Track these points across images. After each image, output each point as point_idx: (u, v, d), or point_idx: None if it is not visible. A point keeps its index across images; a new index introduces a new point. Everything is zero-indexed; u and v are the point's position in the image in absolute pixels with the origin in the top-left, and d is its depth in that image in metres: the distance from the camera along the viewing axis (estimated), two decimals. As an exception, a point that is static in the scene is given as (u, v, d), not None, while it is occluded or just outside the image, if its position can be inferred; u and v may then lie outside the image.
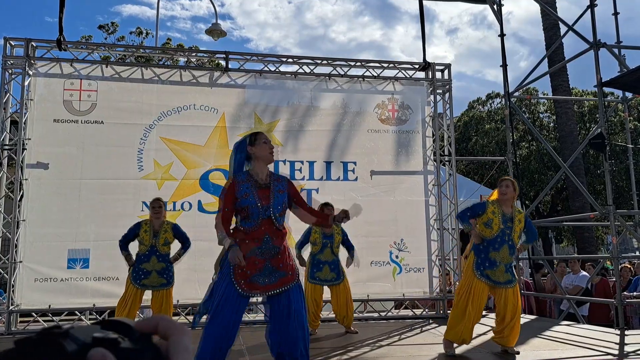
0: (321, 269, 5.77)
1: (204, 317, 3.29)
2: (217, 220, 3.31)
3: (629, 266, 8.27)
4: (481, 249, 4.45)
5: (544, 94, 21.19)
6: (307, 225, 5.86)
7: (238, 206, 3.27)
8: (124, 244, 5.40)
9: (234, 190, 3.30)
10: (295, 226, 6.06)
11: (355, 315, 7.12)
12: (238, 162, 3.43)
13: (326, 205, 5.95)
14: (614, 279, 7.72)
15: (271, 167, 7.31)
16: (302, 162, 7.29)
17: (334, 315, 6.31)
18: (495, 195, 4.60)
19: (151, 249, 5.30)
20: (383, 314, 7.22)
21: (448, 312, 7.19)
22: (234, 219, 3.40)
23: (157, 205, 5.45)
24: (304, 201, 3.62)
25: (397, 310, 7.47)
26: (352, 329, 5.96)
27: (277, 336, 3.21)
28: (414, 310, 7.46)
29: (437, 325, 6.51)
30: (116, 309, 5.46)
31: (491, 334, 5.43)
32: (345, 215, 3.39)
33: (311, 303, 5.77)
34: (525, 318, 6.78)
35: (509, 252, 4.41)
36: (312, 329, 5.81)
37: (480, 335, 5.53)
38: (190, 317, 6.88)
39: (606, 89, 7.46)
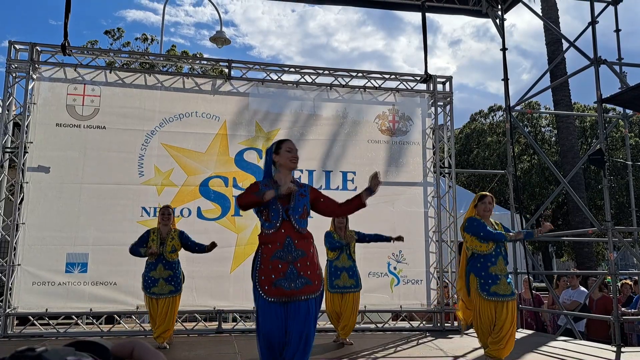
0: (339, 276, 5.77)
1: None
2: (243, 195, 3.33)
3: (629, 283, 8.24)
4: (479, 267, 4.48)
5: (545, 108, 21.23)
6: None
7: (260, 207, 3.28)
8: (135, 249, 5.38)
9: (257, 189, 3.32)
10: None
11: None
12: (266, 167, 3.47)
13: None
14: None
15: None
16: (301, 171, 7.30)
17: (330, 325, 6.28)
18: (473, 211, 4.61)
19: (158, 256, 5.33)
20: (380, 325, 7.20)
21: (446, 324, 7.19)
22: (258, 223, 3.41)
23: (166, 213, 5.51)
24: (330, 199, 3.54)
25: (394, 322, 7.45)
26: (348, 340, 5.93)
27: (283, 337, 3.20)
28: (411, 322, 7.44)
29: (433, 338, 6.48)
30: (150, 321, 5.54)
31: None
32: (376, 180, 3.44)
33: (333, 315, 5.84)
34: (522, 333, 6.76)
35: (504, 263, 4.49)
36: (337, 337, 5.89)
37: (477, 349, 5.52)
38: (187, 324, 6.86)
39: (609, 105, 7.48)
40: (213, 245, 5.44)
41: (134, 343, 0.49)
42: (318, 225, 6.15)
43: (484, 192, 4.73)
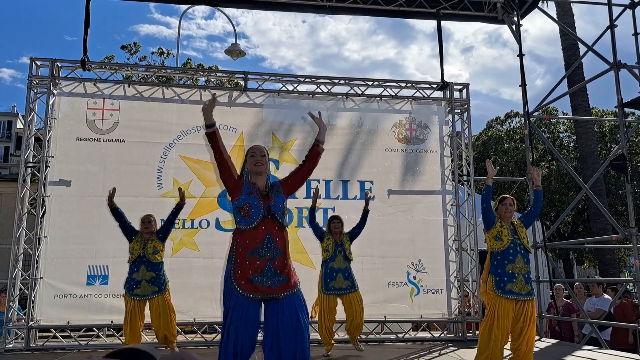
0: (335, 277, 5.70)
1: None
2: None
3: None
4: (496, 264, 4.46)
5: (563, 114, 21.03)
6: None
7: (240, 203, 3.24)
8: (122, 217, 5.56)
9: (240, 179, 3.34)
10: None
11: (372, 336, 7.06)
12: (241, 172, 3.47)
13: (333, 219, 5.95)
14: (637, 302, 7.53)
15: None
16: (318, 181, 7.30)
17: (346, 336, 6.21)
18: (495, 213, 4.63)
19: (139, 258, 5.36)
20: (400, 335, 7.12)
21: (467, 334, 7.09)
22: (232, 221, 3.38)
23: (146, 221, 5.55)
24: (293, 171, 3.55)
25: (414, 332, 7.37)
26: (358, 345, 5.85)
27: (274, 342, 3.08)
28: (432, 332, 7.35)
29: (455, 348, 6.40)
30: (123, 324, 5.49)
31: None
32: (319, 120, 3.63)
33: (326, 318, 5.70)
34: (546, 342, 6.64)
35: (523, 262, 4.41)
36: (327, 350, 5.74)
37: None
38: (207, 335, 6.87)
39: (627, 109, 7.37)
40: (181, 192, 5.70)
41: (183, 354, 0.48)
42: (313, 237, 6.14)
43: (504, 195, 4.68)
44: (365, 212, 6.02)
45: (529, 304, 4.37)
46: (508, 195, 4.66)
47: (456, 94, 7.85)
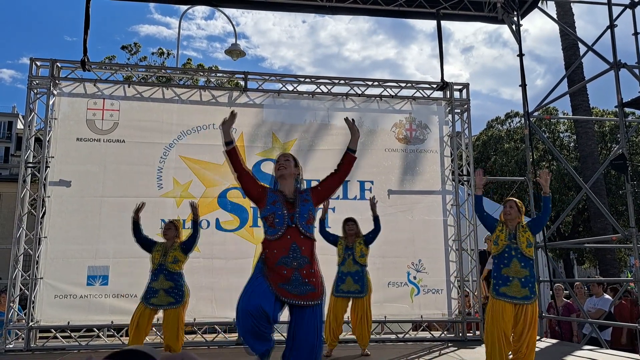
0: (344, 280, 5.69)
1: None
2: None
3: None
4: (494, 267, 4.56)
5: (564, 114, 21.02)
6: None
7: (266, 213, 3.28)
8: (140, 233, 5.48)
9: (264, 190, 3.35)
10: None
11: (372, 336, 7.05)
12: (271, 181, 3.55)
13: (347, 221, 5.94)
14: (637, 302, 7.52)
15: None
16: (317, 181, 7.28)
17: (351, 336, 6.23)
18: (501, 216, 4.70)
19: (159, 267, 5.25)
20: (400, 335, 7.12)
21: (467, 334, 7.09)
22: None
23: (166, 227, 5.46)
24: (326, 178, 3.56)
25: (414, 332, 7.37)
26: (366, 351, 5.82)
27: (293, 349, 3.16)
28: (432, 332, 7.35)
29: (456, 348, 6.40)
30: (129, 325, 5.46)
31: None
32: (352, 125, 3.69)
33: (332, 319, 5.69)
34: (546, 342, 6.64)
35: (520, 266, 4.40)
36: (329, 350, 5.74)
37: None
38: (207, 336, 6.87)
39: (627, 109, 7.38)
40: (193, 207, 5.49)
41: (183, 355, 0.48)
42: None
43: (508, 198, 4.73)
44: (376, 218, 5.98)
45: (529, 307, 4.37)
46: (511, 198, 4.68)
47: (456, 94, 7.85)
